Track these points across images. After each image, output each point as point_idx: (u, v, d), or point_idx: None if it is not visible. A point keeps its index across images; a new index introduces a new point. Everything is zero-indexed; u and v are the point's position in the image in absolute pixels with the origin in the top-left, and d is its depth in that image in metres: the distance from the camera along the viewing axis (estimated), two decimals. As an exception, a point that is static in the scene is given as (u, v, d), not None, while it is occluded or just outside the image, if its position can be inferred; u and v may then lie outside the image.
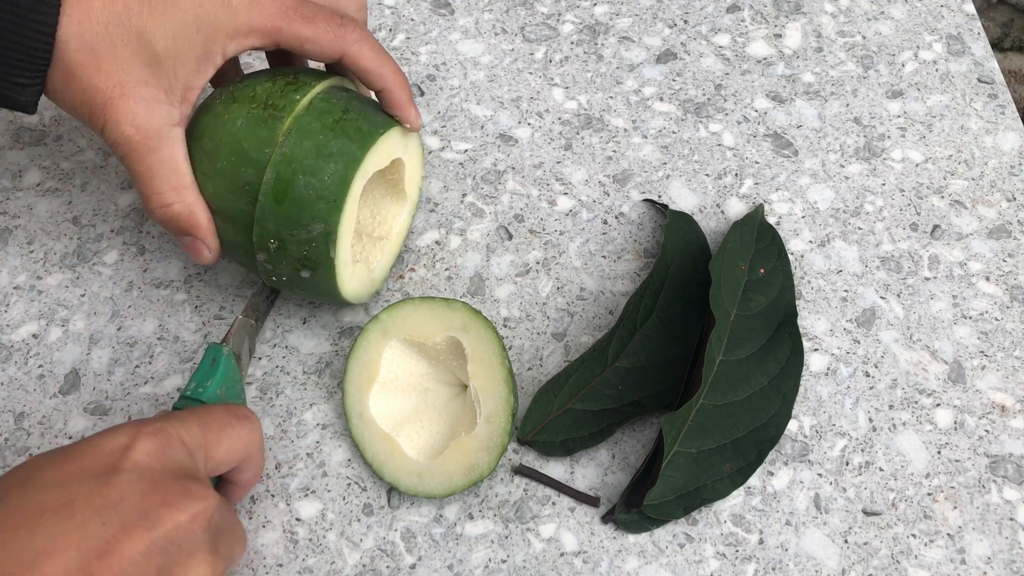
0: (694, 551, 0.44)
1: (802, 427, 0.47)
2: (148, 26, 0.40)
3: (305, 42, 0.42)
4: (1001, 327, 0.50)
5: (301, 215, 0.42)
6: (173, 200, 0.42)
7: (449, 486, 0.43)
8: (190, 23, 0.40)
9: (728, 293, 0.47)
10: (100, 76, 0.40)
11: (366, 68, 0.43)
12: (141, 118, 0.40)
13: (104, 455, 0.34)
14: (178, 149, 0.42)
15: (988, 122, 0.57)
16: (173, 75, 0.41)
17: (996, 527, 0.45)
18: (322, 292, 0.45)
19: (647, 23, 0.60)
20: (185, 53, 0.41)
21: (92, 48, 0.39)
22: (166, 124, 0.41)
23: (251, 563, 0.44)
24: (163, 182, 0.42)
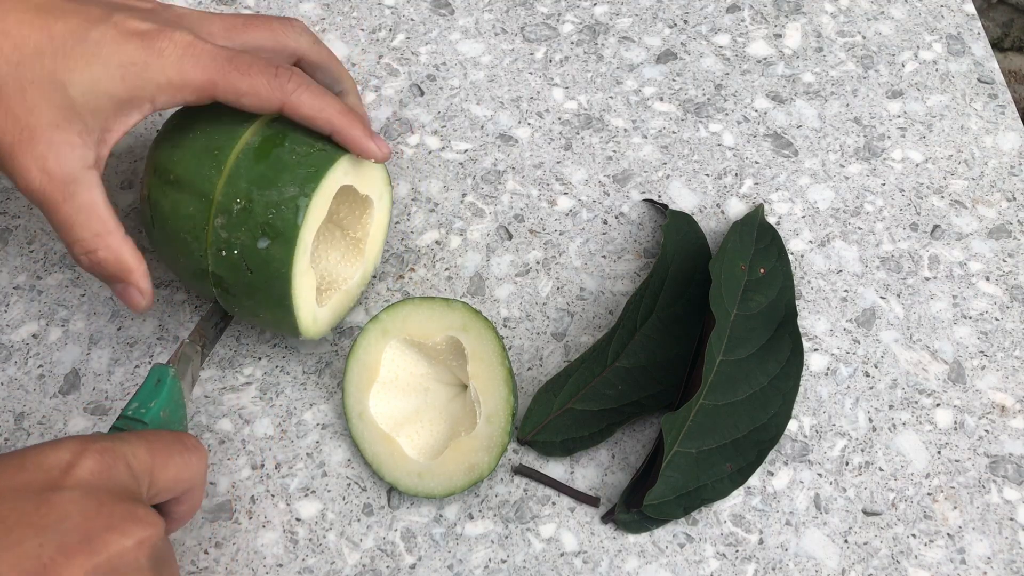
0: (694, 551, 0.44)
1: (802, 427, 0.47)
2: (62, 71, 0.38)
3: (241, 95, 0.40)
4: (1001, 327, 0.50)
5: (279, 177, 0.41)
6: (97, 246, 0.40)
7: (449, 486, 0.43)
8: (113, 72, 0.38)
9: (728, 293, 0.47)
10: (7, 119, 0.37)
11: (308, 115, 0.41)
12: (52, 164, 0.38)
13: (45, 469, 0.32)
14: (96, 193, 0.39)
15: (988, 122, 0.57)
16: (91, 118, 0.39)
17: (996, 527, 0.45)
18: (272, 301, 0.42)
19: (647, 23, 0.60)
20: (106, 101, 0.38)
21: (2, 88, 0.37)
22: (80, 168, 0.39)
23: (251, 563, 0.44)
24: (84, 229, 0.39)
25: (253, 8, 0.60)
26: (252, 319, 0.45)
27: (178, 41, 0.39)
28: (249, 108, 0.41)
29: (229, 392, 0.48)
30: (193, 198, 0.42)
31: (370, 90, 0.57)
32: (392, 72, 0.58)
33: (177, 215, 0.42)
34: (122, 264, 0.40)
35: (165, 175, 0.42)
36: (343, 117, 0.42)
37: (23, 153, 0.38)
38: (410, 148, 0.55)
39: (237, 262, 0.41)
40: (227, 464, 0.46)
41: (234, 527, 0.44)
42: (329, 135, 0.42)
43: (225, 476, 0.46)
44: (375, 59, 0.58)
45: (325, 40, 0.59)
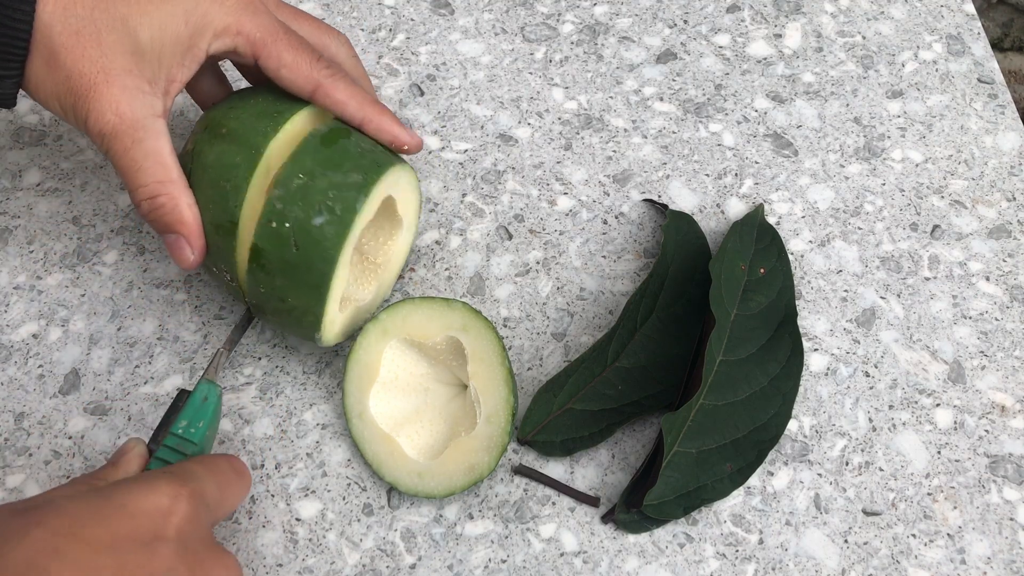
0: (694, 551, 0.44)
1: (802, 427, 0.47)
2: (134, 14, 0.39)
3: (283, 66, 0.42)
4: (1001, 327, 0.50)
5: (344, 163, 0.42)
6: (158, 192, 0.41)
7: (449, 486, 0.43)
8: (179, 15, 0.40)
9: (728, 293, 0.47)
10: (84, 61, 0.39)
11: (341, 100, 0.43)
12: (125, 107, 0.39)
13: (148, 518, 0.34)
14: (163, 141, 0.41)
15: (988, 122, 0.57)
16: (157, 66, 0.40)
17: (996, 527, 0.45)
18: (307, 285, 0.42)
19: (647, 23, 0.60)
20: (171, 45, 0.40)
21: (77, 32, 0.39)
22: (150, 115, 0.40)
23: (251, 563, 0.44)
24: (149, 174, 0.41)
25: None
26: (273, 307, 0.43)
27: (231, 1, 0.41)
28: (285, 82, 0.42)
29: (229, 392, 0.48)
30: (241, 149, 0.42)
31: (370, 90, 0.57)
32: (392, 72, 0.58)
33: (221, 163, 0.42)
34: (178, 214, 0.41)
35: (217, 129, 0.43)
36: (375, 106, 0.44)
37: (99, 95, 0.39)
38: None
39: (286, 236, 0.41)
40: (227, 464, 0.46)
41: (234, 527, 0.44)
42: (359, 124, 0.44)
43: (225, 476, 0.46)
44: (375, 59, 0.58)
45: (325, 40, 0.59)
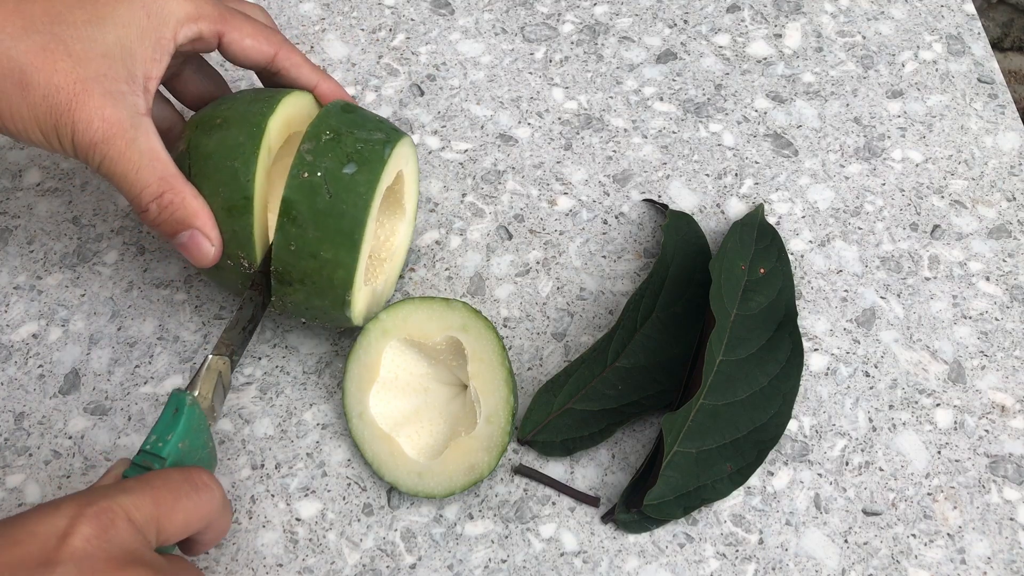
0: (694, 551, 0.44)
1: (802, 427, 0.47)
2: (95, 19, 0.39)
3: (246, 36, 0.43)
4: (1001, 327, 0.50)
5: (366, 123, 0.44)
6: (164, 189, 0.40)
7: (449, 486, 0.43)
8: (138, 10, 0.39)
9: (728, 293, 0.47)
10: (58, 75, 0.38)
11: (298, 61, 0.45)
12: (110, 111, 0.38)
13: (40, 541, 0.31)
14: (155, 138, 0.40)
15: (988, 122, 0.57)
16: (131, 64, 0.39)
17: (996, 527, 0.45)
18: (340, 235, 0.41)
19: (647, 23, 0.60)
20: (138, 41, 0.39)
21: (43, 48, 0.38)
22: (135, 114, 0.39)
23: (251, 563, 0.44)
24: (149, 172, 0.39)
25: (253, 8, 0.60)
26: (302, 268, 0.42)
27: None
28: (250, 51, 0.43)
29: (229, 392, 0.48)
30: (242, 129, 0.42)
31: (370, 90, 0.57)
32: (392, 72, 0.58)
33: (223, 146, 0.42)
34: (188, 206, 0.40)
35: (211, 122, 0.43)
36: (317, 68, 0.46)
37: (82, 105, 0.38)
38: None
39: (318, 184, 0.41)
40: (227, 464, 0.46)
41: (234, 527, 0.44)
42: (315, 84, 0.46)
43: (225, 476, 0.46)
44: (375, 59, 0.58)
45: (325, 40, 0.59)
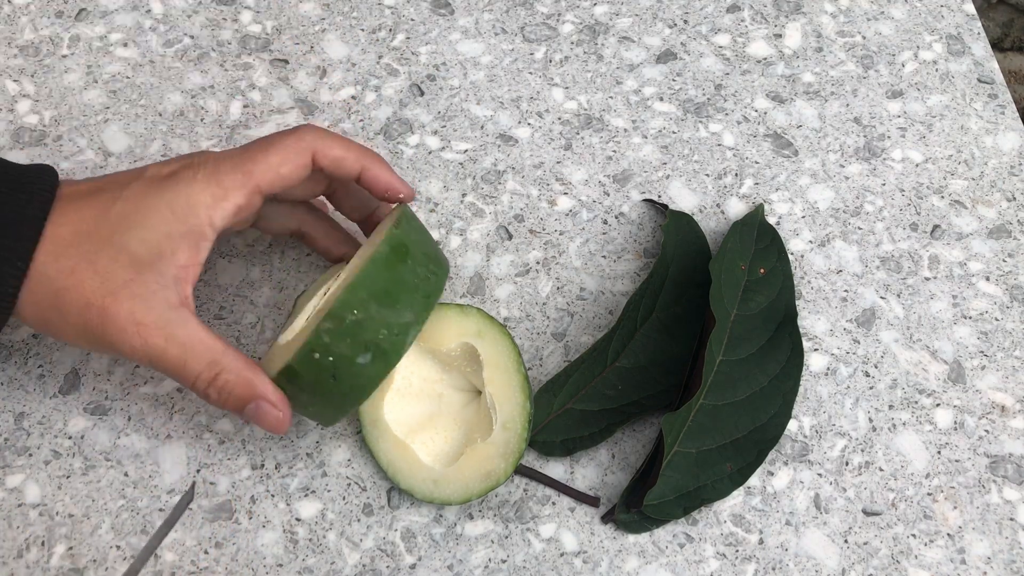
0: (694, 551, 0.44)
1: (802, 427, 0.47)
2: (119, 231, 0.40)
3: (278, 166, 0.41)
4: (1001, 327, 0.50)
5: (399, 297, 0.40)
6: (216, 371, 0.40)
7: (465, 493, 0.43)
8: (163, 212, 0.40)
9: (728, 293, 0.47)
10: (87, 292, 0.39)
11: (337, 156, 0.43)
12: (141, 314, 0.39)
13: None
14: (192, 325, 0.40)
15: (988, 122, 0.57)
16: (160, 264, 0.40)
17: (996, 527, 0.45)
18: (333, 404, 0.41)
19: (647, 23, 0.60)
20: (167, 240, 0.40)
21: (71, 271, 0.39)
22: (167, 309, 0.40)
23: (251, 563, 0.44)
24: (196, 362, 0.40)
25: (252, 8, 0.60)
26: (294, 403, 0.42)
27: (204, 163, 0.41)
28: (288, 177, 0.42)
29: (229, 392, 0.48)
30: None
31: (370, 90, 0.57)
32: (392, 72, 0.58)
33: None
34: (247, 380, 0.40)
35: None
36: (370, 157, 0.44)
37: (114, 317, 0.39)
38: (410, 148, 0.55)
39: (327, 368, 0.40)
40: (227, 464, 0.46)
41: (234, 527, 0.44)
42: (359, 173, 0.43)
43: (225, 476, 0.46)
44: (375, 59, 0.58)
45: (325, 40, 0.59)
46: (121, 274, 0.39)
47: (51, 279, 0.39)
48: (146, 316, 0.39)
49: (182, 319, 0.40)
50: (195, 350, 0.40)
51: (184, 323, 0.40)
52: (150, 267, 0.40)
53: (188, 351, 0.40)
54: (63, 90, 0.56)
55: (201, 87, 0.57)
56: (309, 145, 0.42)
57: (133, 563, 0.43)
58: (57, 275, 0.39)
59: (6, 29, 0.58)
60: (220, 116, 0.56)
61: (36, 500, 0.45)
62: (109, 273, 0.39)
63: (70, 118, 0.56)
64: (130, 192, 0.40)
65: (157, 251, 0.40)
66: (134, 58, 0.58)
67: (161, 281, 0.40)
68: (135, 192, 0.40)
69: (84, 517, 0.45)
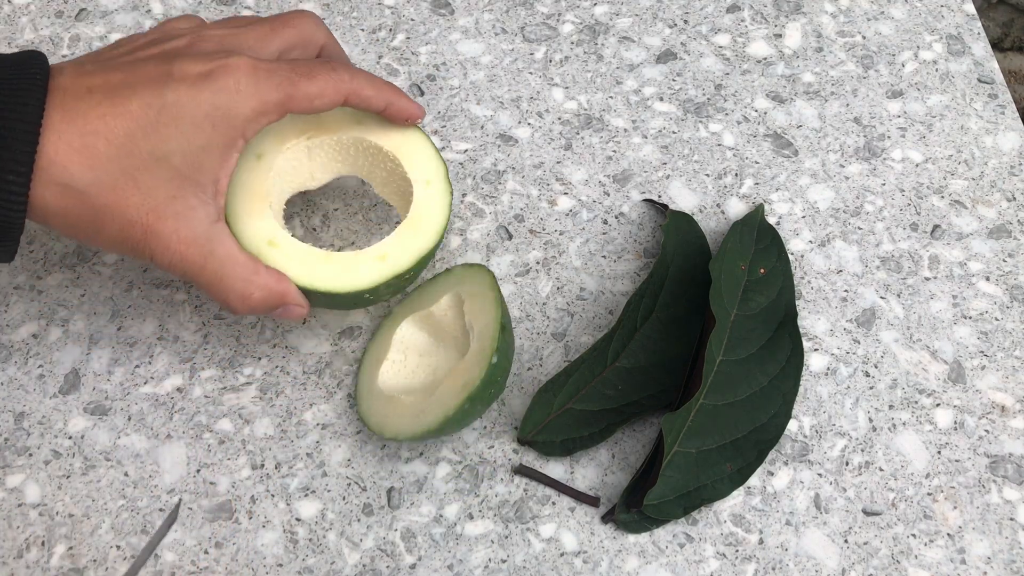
0: (694, 551, 0.44)
1: (802, 427, 0.47)
2: (159, 143, 0.39)
3: (314, 99, 0.42)
4: (1001, 327, 0.50)
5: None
6: (250, 290, 0.42)
7: (444, 411, 0.43)
8: (201, 123, 0.39)
9: (728, 293, 0.47)
10: (130, 209, 0.39)
11: (368, 96, 0.44)
12: (184, 232, 0.40)
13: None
14: (229, 243, 0.42)
15: (988, 122, 0.57)
16: (200, 177, 0.40)
17: (996, 527, 0.45)
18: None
19: (647, 23, 0.60)
20: (205, 155, 0.40)
21: (113, 187, 0.39)
22: (208, 226, 0.41)
23: (251, 563, 0.44)
24: (234, 279, 0.41)
25: (253, 8, 0.60)
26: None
27: (242, 69, 0.40)
28: (320, 108, 0.43)
29: (229, 392, 0.48)
30: None
31: (370, 90, 0.57)
32: (392, 72, 0.58)
33: None
34: (274, 295, 0.43)
35: None
36: (394, 91, 0.45)
37: (157, 234, 0.40)
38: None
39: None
40: (227, 464, 0.46)
41: (234, 527, 0.44)
42: (382, 109, 0.45)
43: (225, 476, 0.46)
44: (375, 59, 0.58)
45: (325, 40, 0.59)
46: (164, 190, 0.39)
47: (90, 196, 0.38)
48: (189, 234, 0.40)
49: (220, 236, 0.41)
50: (232, 266, 0.41)
51: (221, 240, 0.41)
52: (191, 182, 0.40)
53: (226, 267, 0.41)
54: (63, 90, 0.56)
55: (201, 87, 0.57)
56: (346, 87, 0.43)
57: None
58: (98, 192, 0.38)
59: (6, 29, 0.58)
60: (220, 116, 0.56)
61: (36, 500, 0.45)
62: (152, 189, 0.39)
63: (70, 118, 0.56)
64: (167, 101, 0.39)
65: (196, 164, 0.40)
66: (134, 58, 0.58)
67: (201, 196, 0.40)
68: (172, 101, 0.39)
69: (84, 517, 0.45)
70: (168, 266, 0.41)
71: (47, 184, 0.38)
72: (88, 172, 0.38)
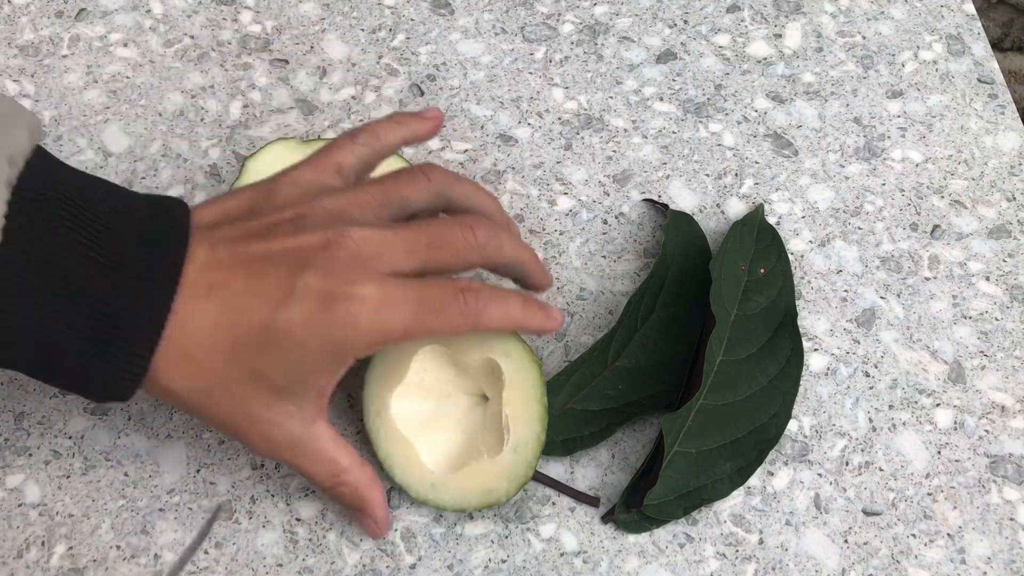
0: (694, 551, 0.44)
1: (802, 427, 0.47)
2: (262, 365, 0.38)
3: (437, 334, 0.39)
4: (1001, 327, 0.50)
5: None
6: (334, 484, 0.42)
7: (461, 503, 0.43)
8: (314, 353, 0.37)
9: (728, 293, 0.47)
10: (221, 414, 0.39)
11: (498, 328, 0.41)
12: (276, 435, 0.39)
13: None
14: (322, 442, 0.40)
15: (988, 122, 0.57)
16: (303, 390, 0.39)
17: (996, 527, 0.45)
18: None
19: (647, 23, 0.60)
20: (313, 377, 0.38)
21: (206, 395, 0.38)
22: (301, 430, 0.40)
23: (251, 563, 0.44)
24: (319, 476, 0.41)
25: (252, 8, 0.60)
26: None
27: (368, 302, 0.37)
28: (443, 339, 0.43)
29: (229, 392, 0.48)
30: None
31: (370, 90, 0.57)
32: (392, 72, 0.58)
33: None
34: (360, 498, 0.42)
35: None
36: (525, 311, 0.42)
37: (246, 434, 0.40)
38: (410, 149, 0.55)
39: None
40: (227, 464, 0.46)
41: (234, 527, 0.44)
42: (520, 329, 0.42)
43: (225, 476, 0.46)
44: (375, 59, 0.58)
45: (325, 40, 0.59)
46: (259, 401, 0.38)
47: (183, 399, 0.38)
48: (280, 437, 0.40)
49: (312, 438, 0.40)
50: (321, 464, 0.41)
51: (314, 441, 0.40)
52: (291, 394, 0.39)
53: (314, 465, 0.41)
54: (63, 90, 0.56)
55: (201, 87, 0.57)
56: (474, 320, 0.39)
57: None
58: (190, 398, 0.38)
59: (6, 29, 0.58)
60: (220, 116, 0.56)
61: (36, 500, 0.45)
62: (245, 402, 0.38)
63: (70, 118, 0.56)
64: (282, 319, 0.37)
65: (301, 383, 0.38)
66: (134, 58, 0.58)
67: (301, 405, 0.39)
68: (287, 320, 0.37)
69: (84, 517, 0.45)
70: (257, 454, 0.41)
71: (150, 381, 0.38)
72: (182, 382, 0.38)
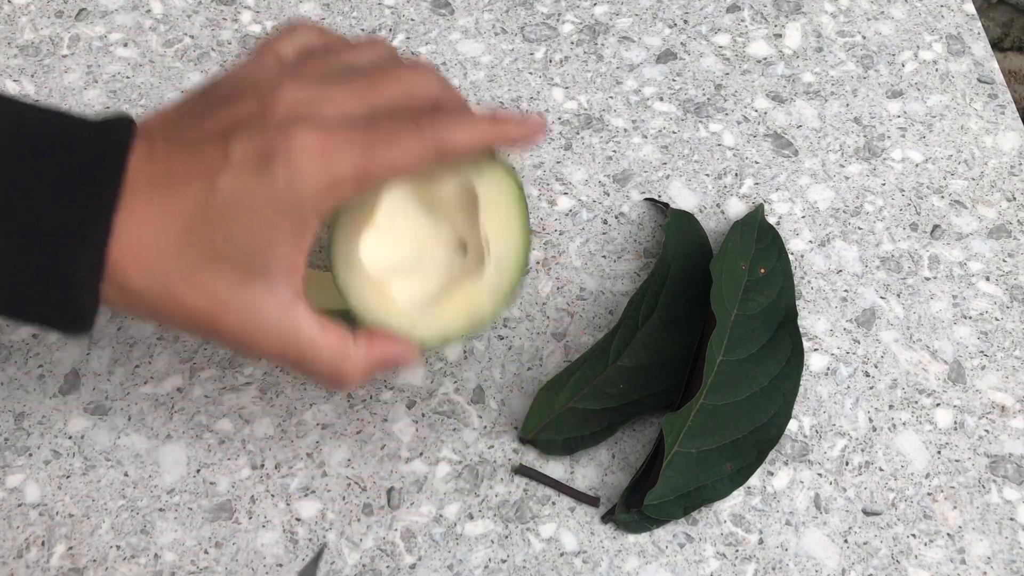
0: (694, 551, 0.44)
1: (802, 427, 0.47)
2: (215, 239, 0.35)
3: (397, 169, 0.36)
4: (1001, 327, 0.50)
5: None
6: (344, 380, 0.38)
7: (444, 331, 0.39)
8: (265, 210, 0.35)
9: (728, 293, 0.47)
10: (187, 306, 0.36)
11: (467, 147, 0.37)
12: (251, 324, 0.36)
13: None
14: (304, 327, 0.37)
15: (988, 122, 0.57)
16: (270, 266, 0.36)
17: (996, 527, 0.45)
18: None
19: (647, 23, 0.60)
20: (273, 245, 0.35)
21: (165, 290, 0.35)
22: (278, 313, 0.36)
23: (251, 563, 0.44)
24: (321, 368, 0.38)
25: (252, 8, 0.60)
26: None
27: (307, 148, 0.34)
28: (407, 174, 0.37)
29: (229, 392, 0.48)
30: None
31: (370, 90, 0.57)
32: (392, 72, 0.58)
33: None
34: (373, 367, 0.39)
35: None
36: (495, 123, 0.38)
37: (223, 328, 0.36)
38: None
39: None
40: (227, 464, 0.46)
41: (234, 527, 0.44)
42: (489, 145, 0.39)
43: (225, 476, 0.46)
44: (375, 59, 0.58)
45: (325, 40, 0.59)
46: (224, 284, 0.36)
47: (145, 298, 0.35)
48: (257, 325, 0.36)
49: (293, 323, 0.37)
50: (314, 355, 0.38)
51: (296, 327, 0.37)
52: (256, 272, 0.36)
53: (306, 356, 0.38)
54: (63, 90, 0.56)
55: (201, 87, 0.57)
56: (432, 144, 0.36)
57: None
58: (152, 296, 0.35)
59: (6, 29, 0.58)
60: (220, 116, 0.56)
61: (36, 500, 0.45)
62: (212, 288, 0.35)
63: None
64: (221, 192, 0.34)
65: (262, 258, 0.35)
66: (134, 58, 0.58)
67: (270, 284, 0.36)
68: (227, 192, 0.34)
69: (84, 517, 0.45)
70: (246, 355, 0.38)
71: (108, 284, 0.35)
72: (140, 278, 0.35)
